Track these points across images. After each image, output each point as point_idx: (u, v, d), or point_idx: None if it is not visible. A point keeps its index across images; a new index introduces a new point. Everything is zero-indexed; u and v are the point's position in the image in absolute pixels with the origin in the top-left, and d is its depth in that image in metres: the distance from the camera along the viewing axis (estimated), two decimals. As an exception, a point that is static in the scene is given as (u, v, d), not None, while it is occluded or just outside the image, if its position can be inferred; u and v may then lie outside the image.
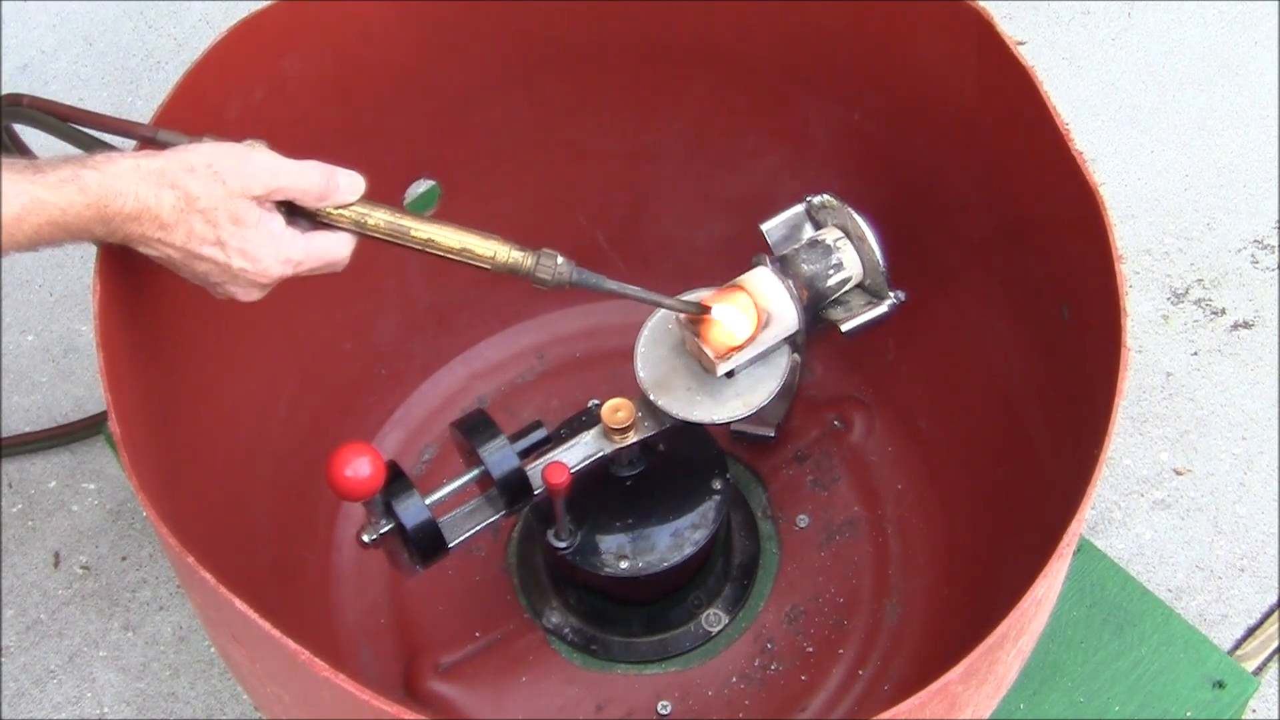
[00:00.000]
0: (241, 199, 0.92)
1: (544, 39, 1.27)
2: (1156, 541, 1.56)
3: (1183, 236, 1.79)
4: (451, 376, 1.47)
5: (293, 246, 0.96)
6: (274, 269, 0.95)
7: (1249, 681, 1.31)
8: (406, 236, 0.99)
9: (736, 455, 1.39)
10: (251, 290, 0.97)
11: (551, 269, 1.01)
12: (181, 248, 0.91)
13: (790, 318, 1.09)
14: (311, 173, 0.96)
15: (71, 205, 0.85)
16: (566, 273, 1.01)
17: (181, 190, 0.90)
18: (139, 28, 2.06)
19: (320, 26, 1.16)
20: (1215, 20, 1.99)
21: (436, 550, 1.07)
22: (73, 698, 1.49)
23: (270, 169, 0.93)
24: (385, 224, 0.99)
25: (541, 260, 1.01)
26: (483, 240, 1.00)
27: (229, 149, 0.93)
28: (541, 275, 1.01)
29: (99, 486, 1.62)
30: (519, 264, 1.00)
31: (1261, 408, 1.65)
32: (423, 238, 0.99)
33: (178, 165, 0.90)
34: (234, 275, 0.94)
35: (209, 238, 0.92)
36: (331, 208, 0.97)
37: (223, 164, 0.91)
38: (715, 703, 1.28)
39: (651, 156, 1.40)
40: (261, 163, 0.93)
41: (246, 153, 0.94)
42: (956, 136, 1.19)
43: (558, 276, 1.01)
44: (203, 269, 0.94)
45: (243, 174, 0.92)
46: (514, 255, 1.00)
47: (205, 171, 0.91)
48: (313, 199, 0.96)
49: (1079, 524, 0.88)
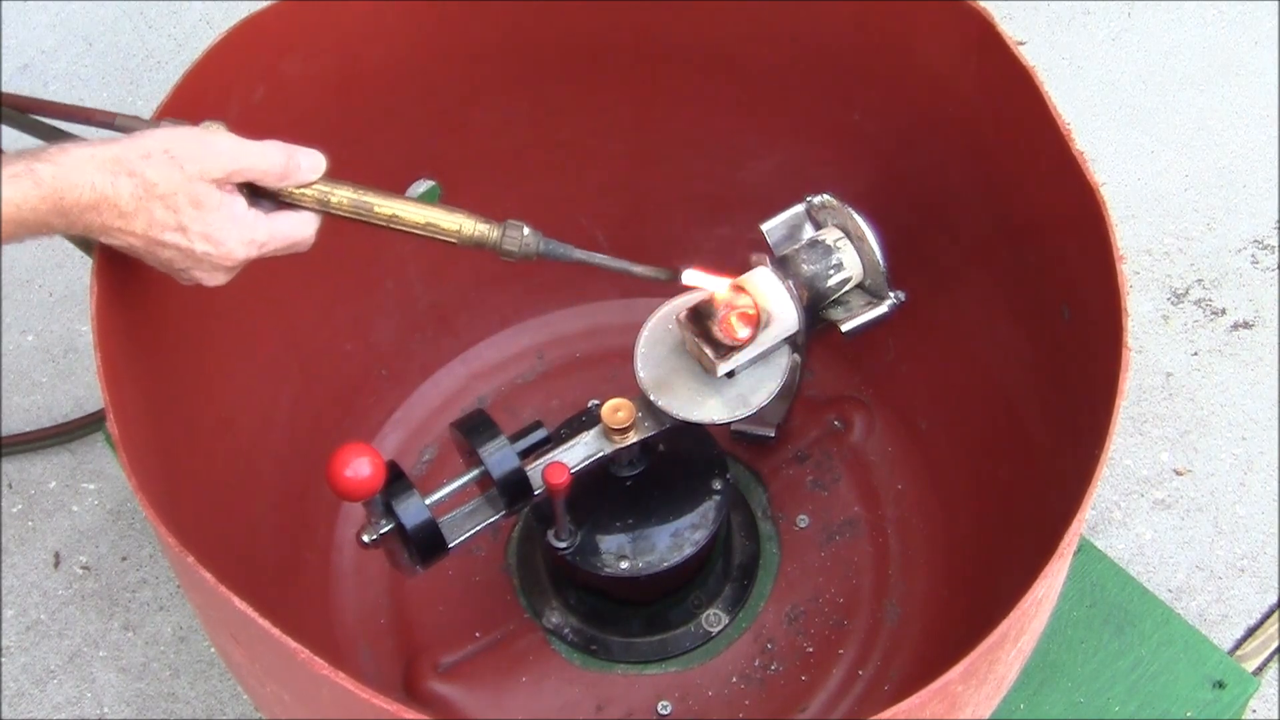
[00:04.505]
0: (201, 182, 0.90)
1: (544, 39, 1.27)
2: (1157, 542, 1.56)
3: (1183, 236, 1.79)
4: (451, 376, 1.47)
5: (256, 228, 0.94)
6: (238, 251, 0.93)
7: (1249, 681, 1.31)
8: (370, 213, 0.98)
9: (736, 455, 1.39)
10: (217, 274, 0.95)
11: (518, 240, 0.99)
12: (143, 235, 0.90)
13: (790, 318, 1.09)
14: (272, 153, 0.94)
15: (26, 200, 0.84)
16: (533, 243, 1.00)
17: (139, 177, 0.88)
18: (139, 28, 2.06)
19: (320, 26, 1.16)
20: (1215, 20, 1.99)
21: (436, 550, 1.06)
22: (73, 698, 1.49)
23: (230, 150, 0.92)
24: (349, 201, 0.97)
25: (508, 231, 0.99)
26: (447, 214, 0.99)
27: (185, 132, 0.92)
28: (508, 247, 0.99)
29: (99, 486, 1.62)
30: (485, 236, 0.99)
31: (1261, 408, 1.65)
32: (386, 214, 0.98)
33: (134, 152, 0.88)
34: (198, 260, 0.93)
35: (170, 223, 0.90)
36: (294, 188, 0.96)
37: (180, 148, 0.89)
38: (715, 703, 1.28)
39: (651, 156, 1.39)
40: (220, 145, 0.92)
41: (204, 135, 0.92)
42: (957, 136, 1.19)
43: (524, 248, 1.00)
44: (166, 255, 0.92)
45: (201, 157, 0.90)
46: (479, 228, 0.99)
47: (162, 157, 0.89)
48: (274, 179, 0.95)
49: (1079, 524, 0.88)
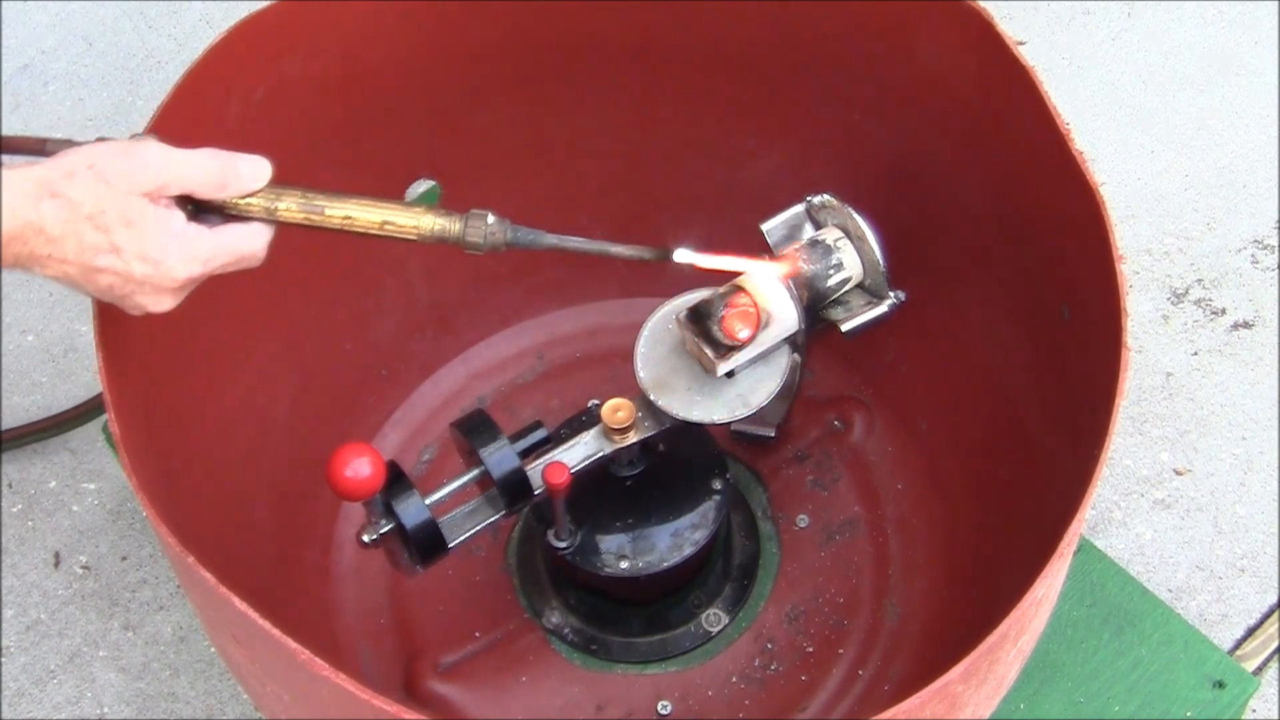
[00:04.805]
0: (131, 197, 0.83)
1: (544, 39, 1.27)
2: (1156, 541, 1.56)
3: (1183, 236, 1.79)
4: (451, 376, 1.47)
5: (198, 244, 0.87)
6: (179, 270, 0.86)
7: (1249, 681, 1.31)
8: (322, 217, 0.90)
9: (736, 455, 1.39)
10: (161, 298, 0.88)
11: (481, 230, 0.92)
12: (76, 262, 0.83)
13: (790, 318, 1.09)
14: (205, 161, 0.87)
15: None
16: (500, 232, 0.92)
17: (63, 198, 0.81)
18: (139, 28, 2.05)
19: (320, 26, 1.16)
20: (1215, 20, 1.99)
21: (436, 550, 1.06)
22: (73, 698, 1.49)
23: (158, 161, 0.85)
24: (298, 207, 0.90)
25: (470, 222, 0.92)
26: (405, 211, 0.92)
27: (110, 146, 0.85)
28: (472, 239, 0.92)
29: (99, 486, 1.62)
30: (446, 230, 0.92)
31: (1261, 408, 1.65)
32: (339, 216, 0.91)
33: (57, 172, 0.81)
34: (139, 283, 0.85)
35: (103, 245, 0.82)
36: (237, 198, 0.89)
37: (105, 163, 0.83)
38: (715, 703, 1.28)
39: (651, 156, 1.39)
40: (147, 155, 0.85)
41: (130, 146, 0.85)
42: (957, 136, 1.19)
43: (490, 238, 0.92)
44: (105, 282, 0.85)
45: (127, 170, 0.83)
46: (439, 222, 0.91)
47: (87, 174, 0.82)
48: (211, 189, 0.87)
49: (1079, 524, 0.88)
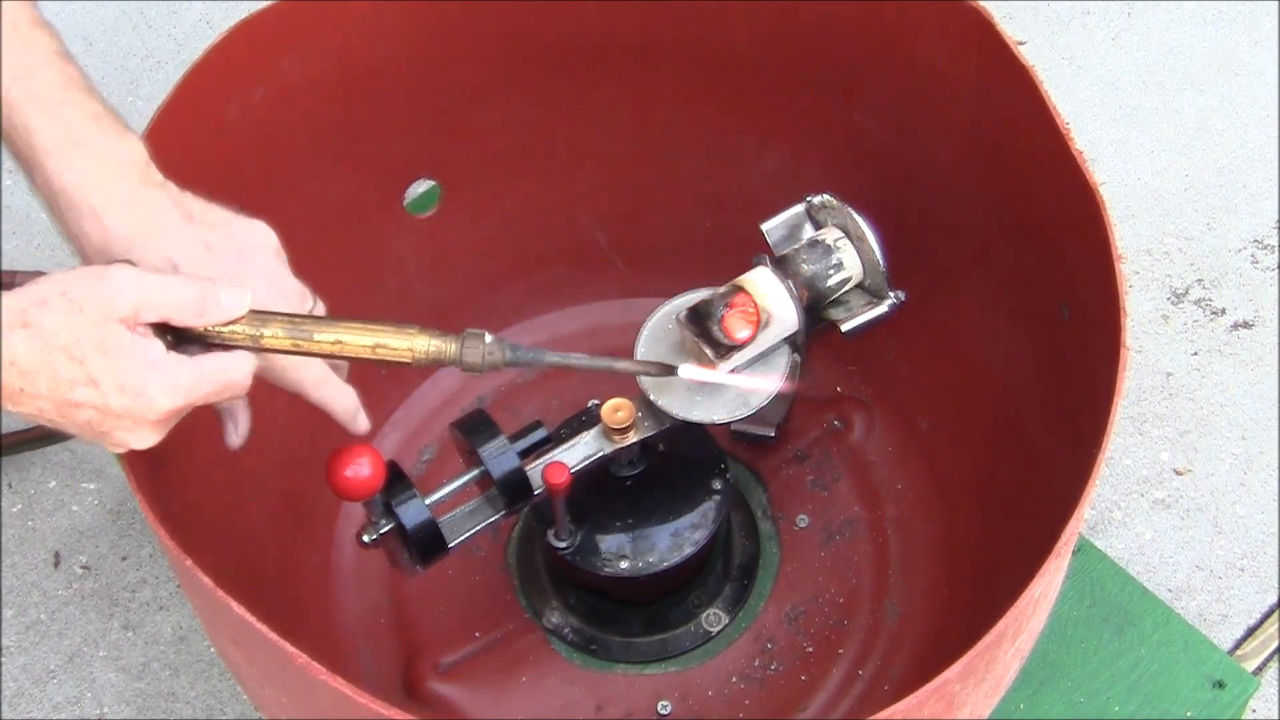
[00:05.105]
0: (107, 324, 0.78)
1: (544, 39, 1.27)
2: (1156, 541, 1.56)
3: (1183, 236, 1.79)
4: (451, 376, 1.47)
5: (179, 373, 0.81)
6: (161, 400, 0.81)
7: (1249, 681, 1.31)
8: (311, 343, 0.85)
9: (736, 455, 1.39)
10: (142, 432, 0.82)
11: (479, 350, 0.87)
12: (51, 396, 0.78)
13: (790, 318, 1.09)
14: (182, 288, 0.82)
15: None
16: (498, 353, 0.88)
17: (35, 327, 0.76)
18: (139, 27, 2.05)
19: (320, 27, 1.16)
20: (1215, 20, 1.99)
21: (436, 550, 1.06)
22: (72, 697, 1.49)
23: (132, 285, 0.79)
24: (285, 333, 0.85)
25: (467, 343, 0.87)
26: (398, 333, 0.87)
27: (83, 271, 0.80)
28: (470, 360, 0.87)
29: (99, 486, 1.62)
30: (442, 351, 0.87)
31: (1261, 408, 1.65)
32: (329, 341, 0.85)
33: (27, 300, 0.77)
34: (118, 417, 0.80)
35: (79, 378, 0.78)
36: (218, 325, 0.84)
37: (78, 290, 0.78)
38: (715, 702, 1.28)
39: (651, 156, 1.39)
40: (122, 280, 0.79)
41: (103, 271, 0.80)
42: (957, 136, 1.19)
43: (489, 359, 0.88)
44: (83, 417, 0.80)
45: (101, 296, 0.78)
46: (434, 344, 0.87)
47: (59, 301, 0.77)
48: (189, 316, 0.82)
49: (1077, 523, 0.88)
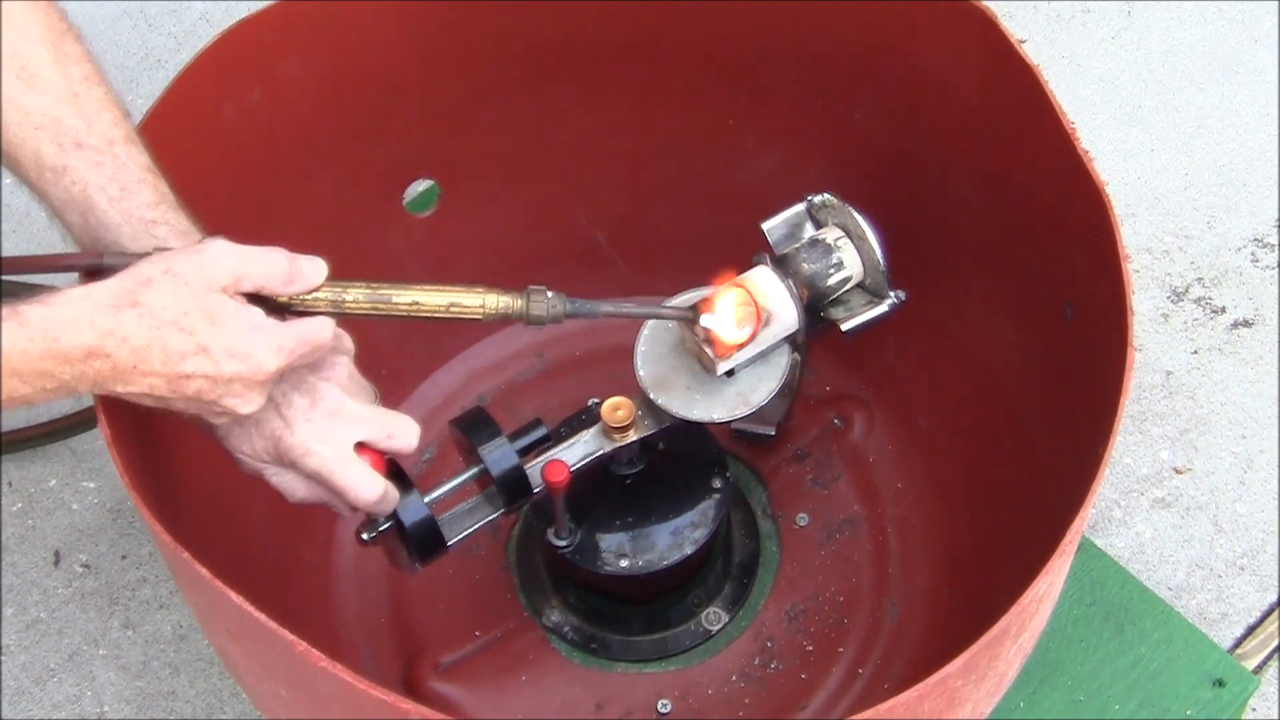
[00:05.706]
0: (210, 293, 0.82)
1: (544, 39, 1.27)
2: (1156, 540, 1.56)
3: (1183, 235, 1.79)
4: (451, 376, 1.47)
5: (280, 334, 0.86)
6: (269, 361, 0.85)
7: (1249, 680, 1.31)
8: (390, 304, 0.94)
9: (736, 454, 1.39)
10: (251, 394, 0.86)
11: (544, 304, 0.97)
12: (163, 371, 0.81)
13: (790, 317, 1.09)
14: (274, 257, 0.87)
15: (13, 344, 0.75)
16: (559, 305, 0.98)
17: (144, 305, 0.80)
18: (139, 26, 2.05)
19: (318, 28, 1.16)
20: (1215, 19, 1.99)
21: (435, 548, 1.06)
22: (73, 696, 1.49)
23: (232, 255, 0.84)
24: (365, 297, 0.93)
25: (532, 298, 0.97)
26: (469, 293, 0.96)
27: (180, 250, 0.85)
28: (535, 312, 0.97)
29: (99, 485, 1.62)
30: (510, 307, 0.96)
31: (1261, 407, 1.65)
32: (407, 303, 0.94)
33: (132, 282, 0.81)
34: (228, 382, 0.84)
35: (189, 348, 0.81)
36: (303, 293, 0.90)
37: (179, 265, 0.82)
38: (715, 701, 1.28)
39: (651, 156, 1.39)
40: (220, 251, 0.84)
41: (200, 247, 0.85)
42: (958, 135, 1.19)
43: (552, 311, 0.97)
44: (193, 388, 0.83)
45: (202, 267, 0.83)
46: (503, 300, 0.96)
47: (164, 278, 0.81)
48: (280, 284, 0.87)
49: (1083, 520, 0.88)
